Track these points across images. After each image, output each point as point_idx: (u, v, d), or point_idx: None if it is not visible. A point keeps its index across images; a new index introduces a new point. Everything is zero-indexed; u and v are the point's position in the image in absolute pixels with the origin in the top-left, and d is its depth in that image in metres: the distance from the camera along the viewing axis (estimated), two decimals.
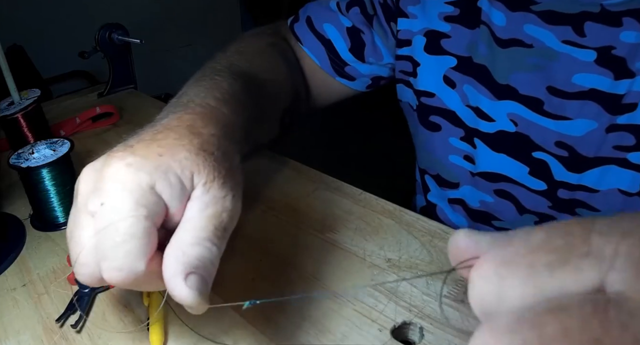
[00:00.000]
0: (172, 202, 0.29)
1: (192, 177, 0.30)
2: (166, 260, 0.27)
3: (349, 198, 0.52)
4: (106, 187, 0.28)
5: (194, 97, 0.39)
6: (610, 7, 0.43)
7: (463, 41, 0.53)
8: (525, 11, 0.48)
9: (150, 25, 2.04)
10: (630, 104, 0.44)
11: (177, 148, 0.31)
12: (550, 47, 0.46)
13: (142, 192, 0.28)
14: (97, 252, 0.27)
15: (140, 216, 0.27)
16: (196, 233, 0.28)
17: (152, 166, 0.29)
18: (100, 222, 0.27)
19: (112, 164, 0.29)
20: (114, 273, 0.27)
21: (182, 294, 0.26)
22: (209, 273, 0.28)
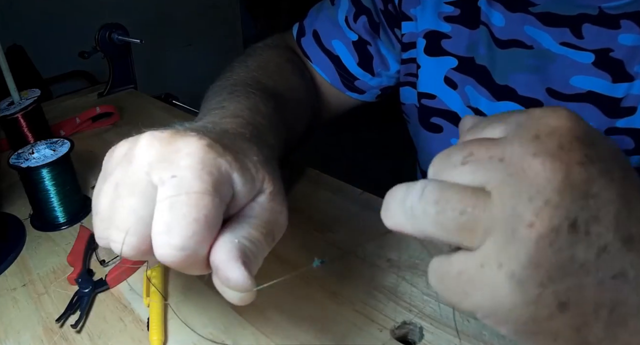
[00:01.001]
0: (240, 197, 0.28)
1: (263, 181, 0.29)
2: (221, 247, 0.26)
3: (349, 198, 0.52)
4: (183, 162, 0.26)
5: (241, 114, 0.38)
6: (608, 9, 0.43)
7: (463, 41, 0.53)
8: (523, 12, 0.47)
9: (150, 25, 2.04)
10: (629, 107, 0.43)
11: (249, 151, 0.30)
12: (548, 49, 0.46)
13: (221, 177, 0.27)
14: (157, 224, 0.26)
15: (216, 200, 0.26)
16: (251, 231, 0.28)
17: (232, 157, 0.28)
18: (168, 194, 0.26)
19: (191, 140, 0.27)
20: (173, 251, 0.25)
21: (239, 277, 0.25)
22: (255, 269, 0.27)
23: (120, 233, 0.27)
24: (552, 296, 0.20)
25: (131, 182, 0.27)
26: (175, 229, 0.25)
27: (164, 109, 0.83)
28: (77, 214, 0.52)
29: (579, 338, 0.22)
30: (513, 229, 0.20)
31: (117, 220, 0.27)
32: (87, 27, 1.07)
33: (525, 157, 0.21)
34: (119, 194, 0.27)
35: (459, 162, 0.23)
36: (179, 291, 0.41)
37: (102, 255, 0.47)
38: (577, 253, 0.20)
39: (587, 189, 0.20)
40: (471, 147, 0.23)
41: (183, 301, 0.40)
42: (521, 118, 0.23)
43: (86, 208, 0.54)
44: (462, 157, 0.23)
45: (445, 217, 0.21)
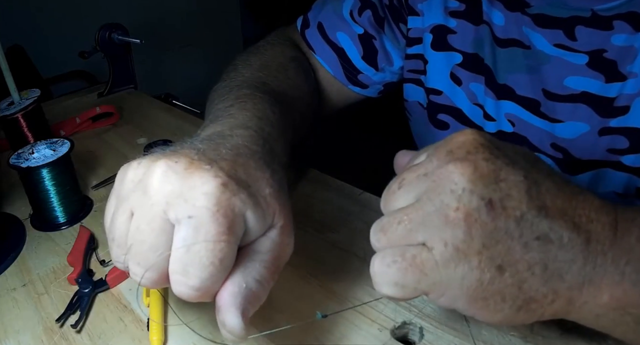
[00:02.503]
0: (252, 232, 0.29)
1: (273, 216, 0.30)
2: (229, 290, 0.28)
3: (349, 198, 0.52)
4: (199, 202, 0.27)
5: (250, 124, 0.38)
6: (601, 11, 0.43)
7: (468, 37, 0.53)
8: (520, 13, 0.48)
9: (150, 25, 2.04)
10: (622, 107, 0.43)
11: (261, 182, 0.31)
12: (542, 50, 0.46)
13: (235, 218, 0.28)
14: (175, 264, 0.27)
15: (231, 243, 0.27)
16: (261, 270, 0.29)
17: (246, 195, 0.29)
18: (185, 237, 0.27)
19: (207, 177, 0.28)
20: (189, 290, 0.27)
21: (234, 326, 0.27)
22: (254, 309, 0.29)
23: (139, 268, 0.28)
24: (489, 261, 0.25)
25: (149, 217, 0.28)
26: (191, 271, 0.27)
27: (164, 109, 0.83)
28: (77, 214, 0.52)
29: (522, 294, 0.26)
30: (445, 215, 0.26)
31: (137, 255, 0.28)
32: (87, 27, 1.07)
33: (442, 165, 0.27)
34: (138, 227, 0.28)
35: (396, 189, 0.29)
36: None
37: (102, 255, 0.47)
38: (499, 224, 0.25)
39: (496, 176, 0.26)
40: (403, 174, 0.29)
41: (183, 301, 0.40)
42: (438, 143, 0.29)
43: (86, 208, 0.54)
44: (398, 184, 0.29)
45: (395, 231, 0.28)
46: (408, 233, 0.27)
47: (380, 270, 0.27)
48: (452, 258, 0.26)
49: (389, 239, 0.28)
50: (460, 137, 0.28)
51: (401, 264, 0.26)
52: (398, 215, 0.27)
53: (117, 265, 0.30)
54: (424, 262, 0.26)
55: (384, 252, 0.28)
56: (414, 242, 0.27)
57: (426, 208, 0.26)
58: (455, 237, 0.25)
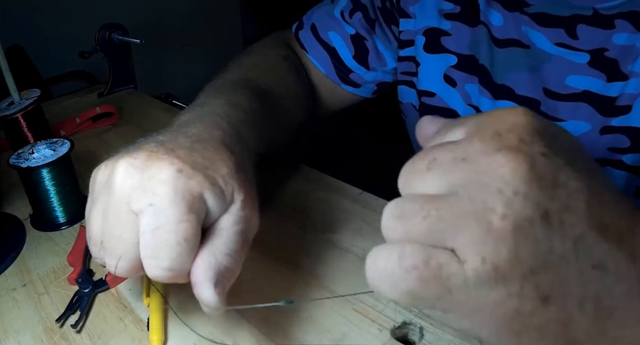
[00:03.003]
0: (213, 211, 0.31)
1: (232, 192, 0.32)
2: (199, 265, 0.29)
3: (349, 198, 0.52)
4: (158, 190, 0.29)
5: (217, 111, 0.40)
6: (602, 10, 0.43)
7: (464, 39, 0.53)
8: (519, 12, 0.48)
9: (150, 25, 2.04)
10: (624, 106, 0.43)
11: (218, 163, 0.32)
12: (543, 49, 0.46)
13: (193, 199, 0.29)
14: (144, 250, 0.29)
15: (193, 222, 0.29)
16: (229, 244, 0.30)
17: (202, 176, 0.30)
18: (149, 223, 0.28)
19: (163, 166, 0.30)
20: (162, 272, 0.29)
21: (209, 299, 0.29)
22: (229, 282, 0.30)
23: (112, 259, 0.30)
24: (534, 289, 0.20)
25: (115, 211, 0.30)
26: (160, 254, 0.28)
27: (164, 109, 0.83)
28: (77, 214, 0.52)
29: (566, 335, 0.21)
30: (488, 221, 0.20)
31: (109, 247, 0.30)
32: (87, 27, 1.07)
33: (488, 153, 0.21)
34: (107, 222, 0.30)
35: (424, 169, 0.23)
36: (179, 291, 0.41)
37: None
38: (554, 244, 0.20)
39: (554, 178, 0.21)
40: (434, 152, 0.23)
41: (183, 301, 0.40)
42: (480, 119, 0.24)
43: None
44: (427, 163, 0.23)
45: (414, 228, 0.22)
46: (435, 233, 0.21)
47: (392, 271, 0.22)
48: (489, 279, 0.20)
49: (408, 232, 0.22)
50: (509, 117, 0.23)
51: (423, 273, 0.21)
52: (425, 206, 0.22)
53: (98, 261, 0.32)
54: (450, 276, 0.20)
55: (402, 249, 0.22)
56: (439, 245, 0.21)
57: (463, 206, 0.21)
58: (498, 254, 0.20)
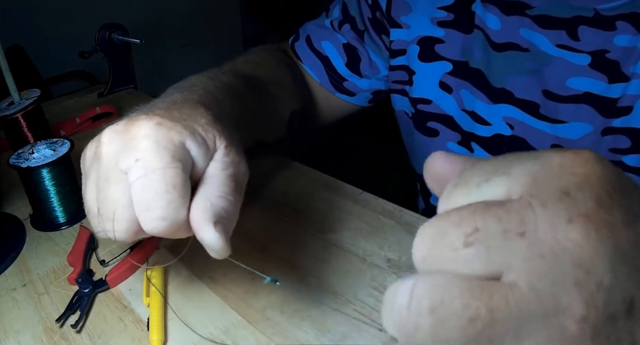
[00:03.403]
0: (198, 160, 0.31)
1: (214, 140, 0.32)
2: (196, 210, 0.29)
3: (349, 198, 0.52)
4: (140, 145, 0.29)
5: (196, 83, 0.41)
6: (604, 11, 0.43)
7: (458, 46, 0.53)
8: (520, 15, 0.48)
9: (150, 25, 2.04)
10: (625, 107, 0.43)
11: (196, 116, 0.33)
12: (544, 51, 0.46)
13: (176, 148, 0.30)
14: (137, 205, 0.29)
15: (179, 169, 0.29)
16: (220, 188, 0.31)
17: (181, 126, 0.31)
18: (136, 176, 0.29)
19: (142, 123, 0.30)
20: (158, 223, 0.28)
21: (211, 239, 0.28)
22: (230, 224, 0.30)
23: (110, 222, 0.30)
24: None
25: (105, 175, 0.30)
26: (152, 204, 0.28)
27: None
28: (77, 214, 0.52)
29: None
30: (561, 327, 0.16)
31: (104, 212, 0.30)
32: (87, 27, 1.07)
33: (557, 226, 0.16)
34: (100, 189, 0.31)
35: (461, 244, 0.17)
36: (179, 291, 0.41)
37: (102, 255, 0.47)
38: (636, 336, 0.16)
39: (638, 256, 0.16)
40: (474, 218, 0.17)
41: (183, 301, 0.40)
42: (534, 168, 0.18)
43: None
44: (464, 236, 0.17)
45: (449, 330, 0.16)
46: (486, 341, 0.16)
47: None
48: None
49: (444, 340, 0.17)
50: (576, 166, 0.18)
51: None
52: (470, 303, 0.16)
53: (100, 235, 0.32)
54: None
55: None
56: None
57: (525, 304, 0.16)
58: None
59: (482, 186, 0.19)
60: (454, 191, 0.20)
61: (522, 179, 0.18)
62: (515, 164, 0.19)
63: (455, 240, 0.17)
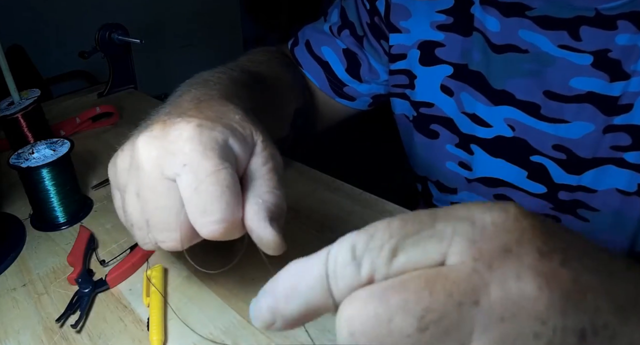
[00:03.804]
0: (240, 157, 0.31)
1: (252, 134, 0.32)
2: (250, 209, 0.29)
3: (349, 198, 0.52)
4: (185, 149, 0.28)
5: (209, 78, 0.41)
6: (605, 11, 0.43)
7: (457, 49, 0.53)
8: (519, 17, 0.48)
9: (151, 25, 2.04)
10: (626, 104, 0.44)
11: (228, 113, 0.33)
12: (546, 52, 0.47)
13: (221, 148, 0.29)
14: (193, 210, 0.28)
15: (229, 168, 0.29)
16: (267, 183, 0.31)
17: (221, 126, 0.30)
18: (188, 182, 0.28)
19: (182, 126, 0.29)
20: (216, 226, 0.28)
21: (269, 237, 0.29)
22: (282, 218, 0.30)
23: (165, 233, 0.29)
24: None
25: (151, 185, 0.29)
26: (209, 208, 0.28)
27: None
28: (77, 214, 0.52)
29: None
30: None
31: (156, 222, 0.29)
32: (87, 27, 1.07)
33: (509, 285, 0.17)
34: (146, 200, 0.29)
35: (414, 330, 0.17)
36: (179, 291, 0.41)
37: (102, 255, 0.47)
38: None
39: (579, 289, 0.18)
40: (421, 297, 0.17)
41: (183, 301, 0.40)
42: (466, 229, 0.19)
43: (86, 208, 0.54)
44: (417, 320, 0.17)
45: None
46: None
47: None
48: None
49: None
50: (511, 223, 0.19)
51: None
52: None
53: (147, 247, 0.32)
54: None
55: None
56: None
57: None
58: None
59: (409, 251, 0.19)
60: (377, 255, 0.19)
61: (457, 242, 0.18)
62: (440, 225, 0.19)
63: (408, 326, 0.17)
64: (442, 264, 0.18)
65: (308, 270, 0.21)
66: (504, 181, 0.54)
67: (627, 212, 0.47)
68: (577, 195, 0.49)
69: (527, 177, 0.52)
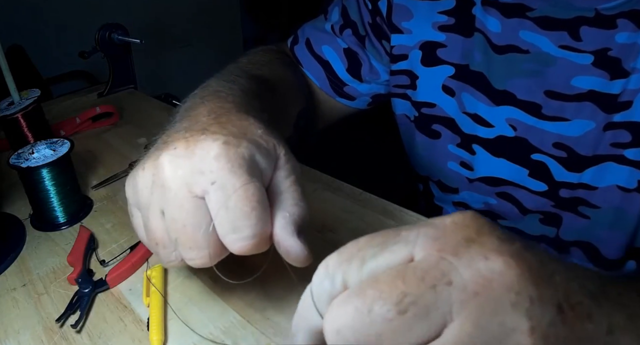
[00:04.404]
0: (266, 171, 0.31)
1: (275, 148, 0.32)
2: (278, 223, 0.30)
3: (349, 198, 0.52)
4: (214, 167, 0.28)
5: (218, 88, 0.40)
6: (604, 11, 0.43)
7: (458, 49, 0.53)
8: (520, 17, 0.48)
9: (150, 25, 2.04)
10: (626, 102, 0.44)
11: (249, 127, 0.33)
12: (547, 52, 0.47)
13: (248, 164, 0.29)
14: (223, 227, 0.28)
15: (257, 183, 0.29)
16: (292, 195, 0.31)
17: (246, 141, 0.30)
18: (218, 199, 0.28)
19: (208, 144, 0.29)
20: (247, 242, 0.28)
21: (298, 251, 0.29)
22: (306, 229, 0.31)
23: (194, 251, 0.29)
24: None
25: (179, 204, 0.29)
26: (240, 224, 0.28)
27: (164, 109, 0.83)
28: (77, 214, 0.52)
29: None
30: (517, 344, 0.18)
31: (186, 241, 0.29)
32: (87, 27, 1.07)
33: (478, 265, 0.18)
34: (174, 218, 0.29)
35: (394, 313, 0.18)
36: (179, 291, 0.41)
37: (102, 255, 0.47)
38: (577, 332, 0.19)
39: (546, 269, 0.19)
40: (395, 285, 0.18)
41: (183, 301, 0.40)
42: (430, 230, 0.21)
43: (86, 208, 0.54)
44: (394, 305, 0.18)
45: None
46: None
47: None
48: None
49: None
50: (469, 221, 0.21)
51: None
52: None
53: (173, 265, 0.31)
54: None
55: None
56: None
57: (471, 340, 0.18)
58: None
59: (377, 256, 0.21)
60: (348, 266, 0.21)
61: (421, 241, 0.20)
62: (404, 232, 0.21)
63: (386, 311, 0.18)
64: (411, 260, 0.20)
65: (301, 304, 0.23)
66: (506, 180, 0.54)
67: (627, 208, 0.47)
68: (578, 193, 0.49)
69: (528, 175, 0.52)
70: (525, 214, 0.55)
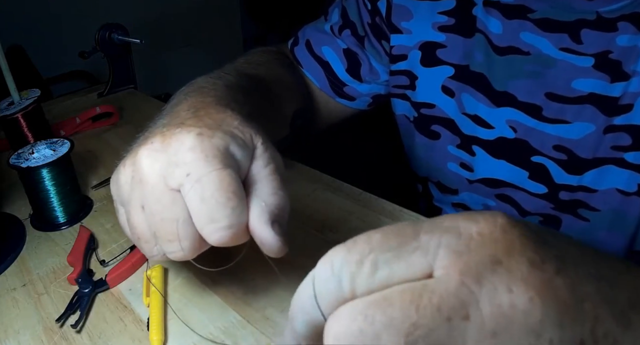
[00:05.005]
0: (242, 162, 0.31)
1: (251, 138, 0.32)
2: (253, 212, 0.29)
3: (349, 198, 0.52)
4: (186, 159, 0.29)
5: (203, 84, 0.41)
6: (606, 14, 0.43)
7: (459, 50, 0.53)
8: (521, 19, 0.48)
9: (150, 25, 2.04)
10: (626, 105, 0.44)
11: (226, 119, 0.33)
12: (548, 55, 0.47)
13: (222, 155, 0.29)
14: (199, 219, 0.28)
15: (232, 173, 0.29)
16: (269, 185, 0.31)
17: (221, 132, 0.30)
18: (193, 191, 0.28)
19: (182, 137, 0.30)
20: (224, 232, 0.28)
21: (271, 241, 0.29)
22: (285, 219, 0.31)
23: (173, 244, 0.29)
24: None
25: (156, 197, 0.29)
26: (216, 215, 0.28)
27: None
28: (77, 214, 0.52)
29: None
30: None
31: (164, 234, 0.29)
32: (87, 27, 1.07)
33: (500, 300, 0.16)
34: (152, 212, 0.29)
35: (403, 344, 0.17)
36: (179, 291, 0.41)
37: (102, 255, 0.47)
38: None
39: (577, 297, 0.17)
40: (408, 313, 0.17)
41: (183, 301, 0.40)
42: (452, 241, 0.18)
43: (86, 208, 0.54)
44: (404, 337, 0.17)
45: None
46: None
47: None
48: None
49: None
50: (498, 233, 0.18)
51: None
52: None
53: (155, 259, 0.32)
54: None
55: None
56: None
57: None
58: None
59: (392, 264, 0.19)
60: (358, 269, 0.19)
61: (442, 255, 0.18)
62: (424, 237, 0.19)
63: (395, 343, 0.16)
64: (428, 277, 0.18)
65: (301, 291, 0.22)
66: (505, 182, 0.54)
67: (627, 211, 0.47)
68: (578, 195, 0.49)
69: (528, 177, 0.52)
70: (525, 216, 0.54)
